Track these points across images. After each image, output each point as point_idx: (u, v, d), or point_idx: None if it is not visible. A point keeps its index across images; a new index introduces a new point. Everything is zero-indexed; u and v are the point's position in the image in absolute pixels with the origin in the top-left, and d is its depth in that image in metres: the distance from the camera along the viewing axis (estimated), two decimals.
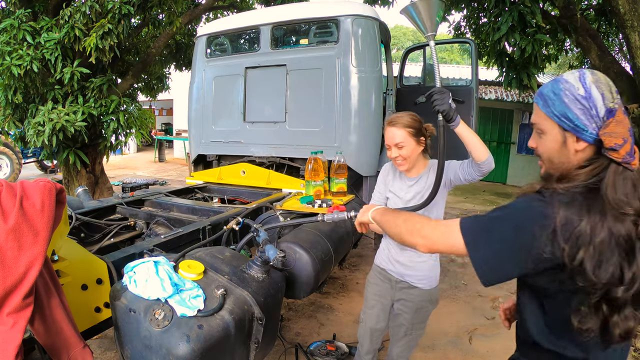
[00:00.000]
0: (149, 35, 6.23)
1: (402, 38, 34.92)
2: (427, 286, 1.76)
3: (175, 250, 1.75)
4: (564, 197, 0.84)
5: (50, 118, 3.94)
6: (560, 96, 0.89)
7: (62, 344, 1.14)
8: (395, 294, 1.83)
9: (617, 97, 0.89)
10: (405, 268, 1.76)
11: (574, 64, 6.93)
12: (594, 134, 0.86)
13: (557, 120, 0.90)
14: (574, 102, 0.87)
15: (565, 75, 0.92)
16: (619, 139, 0.83)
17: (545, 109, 0.92)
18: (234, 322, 1.28)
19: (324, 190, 2.67)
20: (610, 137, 0.83)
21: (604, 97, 0.87)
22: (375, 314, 1.89)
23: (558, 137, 0.91)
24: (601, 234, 0.79)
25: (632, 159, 0.83)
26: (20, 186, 1.01)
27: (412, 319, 1.79)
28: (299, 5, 3.30)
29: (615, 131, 0.84)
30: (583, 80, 0.88)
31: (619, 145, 0.82)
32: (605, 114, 0.86)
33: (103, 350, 2.64)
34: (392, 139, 1.64)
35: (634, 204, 0.81)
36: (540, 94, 0.95)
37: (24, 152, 9.24)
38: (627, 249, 0.79)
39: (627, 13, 3.45)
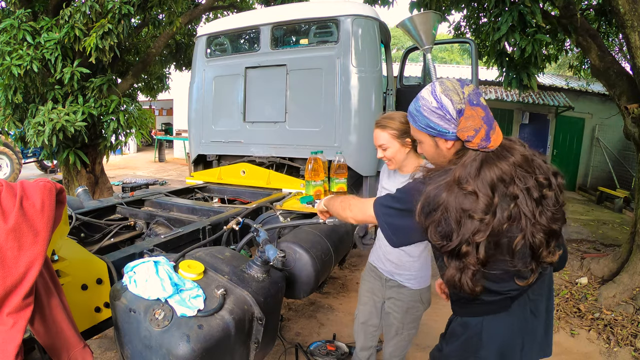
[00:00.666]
0: (149, 35, 6.23)
1: (402, 38, 34.88)
2: (417, 286, 1.78)
3: (175, 250, 1.75)
4: (432, 178, 1.05)
5: (50, 118, 3.94)
6: (421, 111, 1.09)
7: (62, 344, 1.14)
8: (386, 292, 1.86)
9: (465, 96, 1.04)
10: (395, 267, 1.79)
11: (574, 64, 6.92)
12: (454, 133, 1.05)
13: (425, 130, 1.10)
14: (431, 114, 1.06)
15: (422, 93, 1.10)
16: (470, 131, 1.01)
17: (415, 124, 1.13)
18: (234, 322, 1.28)
19: (324, 190, 2.67)
20: (463, 132, 1.02)
21: (453, 102, 1.03)
22: (368, 311, 1.93)
23: (431, 142, 1.12)
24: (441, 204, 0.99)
25: (488, 143, 1.01)
26: (20, 186, 1.01)
27: (402, 319, 1.82)
28: (299, 5, 3.30)
29: (466, 126, 1.01)
30: (434, 94, 1.06)
31: (471, 137, 1.01)
32: (457, 115, 1.03)
33: (103, 350, 2.64)
34: (377, 141, 1.71)
35: (473, 184, 0.98)
36: (409, 113, 1.15)
37: (24, 152, 9.24)
38: (457, 217, 0.98)
39: (627, 13, 3.45)
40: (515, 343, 1.12)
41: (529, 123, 10.86)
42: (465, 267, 0.99)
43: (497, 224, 0.96)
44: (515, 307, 1.10)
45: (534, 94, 10.53)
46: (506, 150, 1.03)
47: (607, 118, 10.31)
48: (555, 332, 3.20)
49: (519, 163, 1.01)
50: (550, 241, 1.01)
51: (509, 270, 1.02)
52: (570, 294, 3.85)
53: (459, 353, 1.16)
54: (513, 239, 0.98)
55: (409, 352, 2.78)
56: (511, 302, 1.10)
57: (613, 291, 3.65)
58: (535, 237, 0.98)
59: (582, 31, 4.35)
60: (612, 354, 2.91)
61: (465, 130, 1.01)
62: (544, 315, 1.16)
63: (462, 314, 1.18)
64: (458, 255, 0.99)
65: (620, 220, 7.46)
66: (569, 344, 3.03)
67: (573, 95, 10.80)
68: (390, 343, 1.90)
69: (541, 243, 0.99)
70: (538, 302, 1.14)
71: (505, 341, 1.11)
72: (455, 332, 1.18)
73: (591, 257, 4.64)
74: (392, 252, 1.78)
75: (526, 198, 0.99)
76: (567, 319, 3.40)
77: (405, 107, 4.06)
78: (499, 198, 0.97)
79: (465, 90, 1.05)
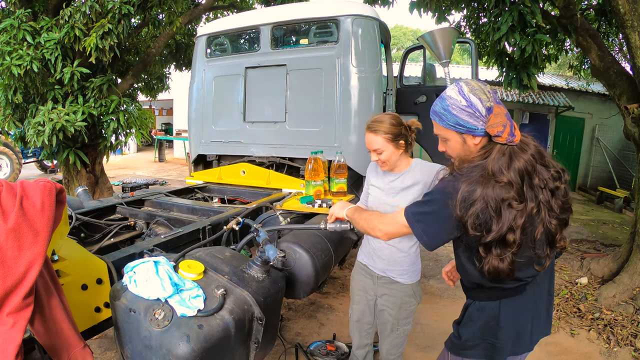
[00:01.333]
0: (149, 35, 6.22)
1: (402, 38, 34.90)
2: (409, 280, 1.81)
3: (175, 250, 1.75)
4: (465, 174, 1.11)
5: (50, 118, 3.94)
6: (449, 110, 1.15)
7: (62, 344, 1.14)
8: (378, 289, 1.88)
9: (491, 95, 1.14)
10: (386, 263, 1.81)
11: (574, 64, 6.92)
12: (483, 129, 1.13)
13: (454, 128, 1.17)
14: (461, 112, 1.13)
15: (448, 92, 1.17)
16: (499, 127, 1.10)
17: (442, 123, 1.19)
18: (234, 322, 1.28)
19: (324, 190, 2.67)
20: (493, 128, 1.11)
21: (482, 100, 1.12)
22: (361, 309, 1.96)
23: (459, 139, 1.19)
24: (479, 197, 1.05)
25: (514, 137, 1.11)
26: (20, 186, 1.01)
27: (396, 315, 1.83)
28: (299, 5, 3.30)
29: (495, 122, 1.11)
30: (462, 93, 1.14)
31: (500, 132, 1.10)
32: (486, 112, 1.12)
33: (103, 350, 2.64)
34: (371, 145, 1.71)
35: (507, 175, 1.06)
36: (434, 112, 1.21)
37: (24, 152, 9.24)
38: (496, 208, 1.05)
39: (627, 13, 3.45)
40: (527, 324, 1.22)
41: (529, 123, 10.86)
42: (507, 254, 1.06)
43: (529, 210, 1.06)
44: (528, 290, 1.20)
45: (534, 94, 10.53)
46: (525, 145, 1.14)
47: (607, 118, 10.31)
48: (555, 332, 3.20)
49: (537, 156, 1.12)
50: (562, 228, 1.12)
51: (532, 257, 1.11)
52: (570, 294, 3.85)
53: (478, 336, 1.22)
54: (535, 227, 1.08)
55: (409, 352, 2.79)
56: (526, 286, 1.19)
57: (613, 291, 3.65)
58: (552, 224, 1.09)
59: (582, 31, 4.35)
60: (612, 354, 2.91)
61: (495, 126, 1.10)
62: (546, 296, 1.27)
63: (479, 298, 1.24)
64: (502, 243, 1.06)
65: (620, 220, 7.46)
66: (569, 344, 3.03)
67: (573, 95, 10.80)
68: (386, 341, 1.91)
69: (556, 230, 1.10)
70: (542, 285, 1.24)
71: (519, 322, 1.21)
72: (473, 317, 1.24)
73: (591, 257, 4.64)
74: (383, 249, 1.80)
75: (545, 188, 1.10)
76: (567, 319, 3.40)
77: (405, 107, 4.06)
78: (527, 187, 1.07)
79: (490, 91, 1.15)
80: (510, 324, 1.19)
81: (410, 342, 2.89)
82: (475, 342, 1.23)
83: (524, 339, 1.23)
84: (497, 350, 1.21)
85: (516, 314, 1.20)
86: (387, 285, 1.83)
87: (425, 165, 1.76)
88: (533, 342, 1.26)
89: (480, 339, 1.22)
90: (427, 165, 1.76)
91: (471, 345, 1.23)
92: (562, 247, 1.13)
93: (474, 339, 1.23)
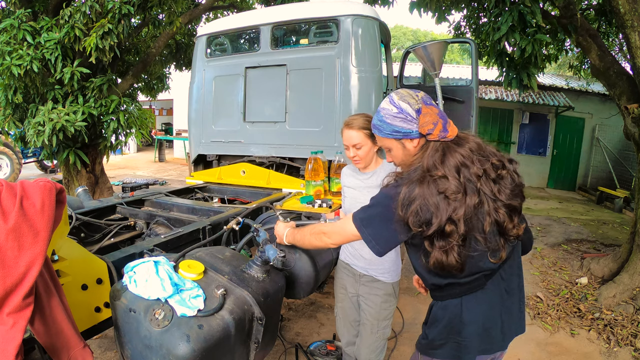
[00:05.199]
0: (149, 35, 6.22)
1: (402, 38, 34.92)
2: (390, 279, 1.86)
3: (175, 250, 1.75)
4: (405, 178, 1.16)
5: (50, 118, 3.94)
6: (384, 120, 1.23)
7: (62, 343, 1.14)
8: (360, 288, 1.92)
9: (419, 97, 1.21)
10: (368, 262, 1.86)
11: (574, 64, 6.92)
12: (417, 130, 1.19)
13: (391, 136, 1.24)
14: (394, 119, 1.21)
15: (382, 104, 1.25)
16: (429, 125, 1.16)
17: (381, 134, 1.27)
18: (234, 322, 1.28)
19: (324, 190, 2.67)
20: (424, 127, 1.17)
21: (410, 104, 1.20)
22: (346, 306, 2.02)
23: (398, 146, 1.26)
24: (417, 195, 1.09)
25: (446, 133, 1.17)
26: (20, 186, 1.01)
27: (377, 315, 1.88)
28: (299, 5, 3.30)
29: (425, 121, 1.17)
30: (393, 102, 1.22)
31: (431, 130, 1.16)
32: (415, 114, 1.19)
33: (103, 350, 2.64)
34: (350, 140, 1.77)
35: (442, 169, 1.11)
36: (373, 126, 1.29)
37: (24, 152, 9.24)
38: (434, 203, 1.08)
39: (627, 13, 3.45)
40: (496, 321, 1.22)
41: (529, 123, 10.86)
42: (450, 246, 1.08)
43: (469, 201, 1.08)
44: (490, 285, 1.20)
45: (534, 94, 10.53)
46: (462, 140, 1.19)
47: (607, 118, 10.31)
48: (555, 332, 3.20)
49: (475, 149, 1.16)
50: (512, 216, 1.14)
51: (483, 250, 1.13)
52: (570, 294, 3.85)
53: (443, 335, 1.23)
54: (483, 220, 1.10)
55: (409, 352, 2.79)
56: (486, 280, 1.19)
57: (613, 291, 3.65)
58: (499, 212, 1.11)
59: (582, 31, 4.35)
60: (612, 354, 2.91)
61: (425, 125, 1.17)
62: (517, 293, 1.26)
63: (441, 298, 1.25)
64: (442, 235, 1.08)
65: (620, 220, 7.46)
66: (569, 344, 3.03)
67: (573, 95, 10.80)
68: (365, 344, 1.93)
69: (504, 218, 1.12)
70: (510, 281, 1.24)
71: (485, 319, 1.20)
72: (437, 317, 1.25)
73: (591, 257, 4.64)
74: (364, 248, 1.80)
75: (486, 178, 1.12)
76: (567, 319, 3.40)
77: None
78: (464, 179, 1.10)
79: (419, 95, 1.23)
80: (474, 321, 1.19)
81: (410, 342, 2.89)
82: (441, 341, 1.23)
83: (494, 337, 1.21)
84: (464, 348, 1.19)
85: (480, 310, 1.19)
86: (369, 283, 1.88)
87: None
88: (506, 340, 1.24)
89: (446, 339, 1.22)
90: None
91: (438, 345, 1.24)
92: (516, 235, 1.13)
93: (440, 339, 1.23)
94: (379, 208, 1.19)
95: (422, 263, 1.19)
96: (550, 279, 4.23)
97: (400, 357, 2.74)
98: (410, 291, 3.80)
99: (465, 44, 3.94)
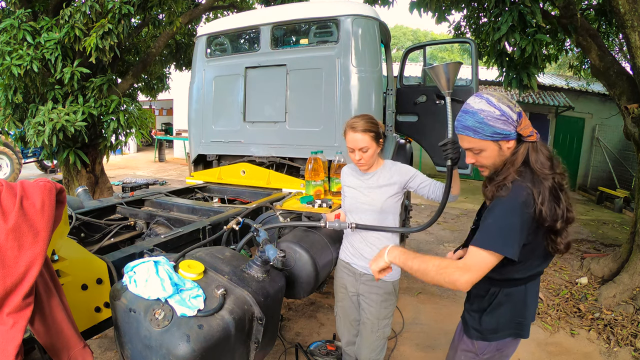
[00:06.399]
0: (149, 35, 6.22)
1: (402, 38, 34.91)
2: (390, 278, 1.85)
3: (175, 250, 1.75)
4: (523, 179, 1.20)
5: (50, 118, 3.94)
6: (485, 122, 1.23)
7: (62, 343, 1.14)
8: (360, 287, 1.91)
9: (515, 101, 1.25)
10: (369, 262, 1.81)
11: (574, 64, 6.92)
12: (515, 132, 1.24)
13: (491, 138, 1.24)
14: (496, 121, 1.22)
15: (477, 106, 1.25)
16: (529, 127, 1.23)
17: (477, 136, 1.25)
18: (234, 322, 1.28)
19: (324, 190, 2.67)
20: (525, 130, 1.23)
21: (510, 107, 1.23)
22: (346, 306, 2.01)
23: (495, 147, 1.26)
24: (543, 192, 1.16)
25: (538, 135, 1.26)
26: (20, 186, 1.01)
27: (377, 313, 1.87)
28: (299, 5, 3.30)
29: (526, 124, 1.23)
30: (492, 104, 1.23)
31: (531, 132, 1.24)
32: (516, 117, 1.23)
33: (103, 350, 2.64)
34: (356, 144, 1.74)
35: (547, 165, 1.21)
36: (466, 128, 1.27)
37: (24, 152, 9.24)
38: (556, 196, 1.19)
39: (627, 13, 3.45)
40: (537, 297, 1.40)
41: None
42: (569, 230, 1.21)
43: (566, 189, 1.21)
44: None
45: (534, 94, 10.53)
46: None
47: (607, 118, 10.31)
48: (555, 332, 3.20)
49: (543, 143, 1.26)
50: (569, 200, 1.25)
51: None
52: (570, 294, 3.85)
53: (508, 319, 1.34)
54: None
55: (409, 352, 2.79)
56: None
57: (613, 291, 3.65)
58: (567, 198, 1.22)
59: (582, 31, 4.35)
60: (612, 354, 2.91)
61: (527, 128, 1.23)
62: None
63: (508, 286, 1.33)
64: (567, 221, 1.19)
65: (620, 220, 7.46)
66: (569, 344, 3.03)
67: (573, 95, 10.80)
68: (366, 344, 1.93)
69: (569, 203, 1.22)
70: None
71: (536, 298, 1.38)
72: (502, 302, 1.34)
73: (591, 257, 4.63)
74: (364, 248, 1.85)
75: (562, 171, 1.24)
76: (567, 319, 3.40)
77: (405, 107, 4.05)
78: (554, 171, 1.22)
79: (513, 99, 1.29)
80: (533, 302, 1.36)
81: (410, 342, 2.89)
82: (504, 324, 1.34)
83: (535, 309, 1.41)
84: (524, 326, 1.35)
85: (535, 291, 1.38)
86: (369, 282, 1.87)
87: (402, 167, 1.84)
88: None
89: (510, 321, 1.34)
90: (403, 167, 1.84)
91: (502, 327, 1.35)
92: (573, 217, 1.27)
93: (504, 322, 1.34)
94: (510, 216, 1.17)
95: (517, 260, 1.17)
96: (550, 279, 4.23)
97: (400, 357, 2.74)
98: (410, 291, 3.80)
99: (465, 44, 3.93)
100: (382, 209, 1.79)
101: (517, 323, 1.35)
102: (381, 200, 1.79)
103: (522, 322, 1.35)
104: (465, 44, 3.95)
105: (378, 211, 1.79)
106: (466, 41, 3.76)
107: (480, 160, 1.31)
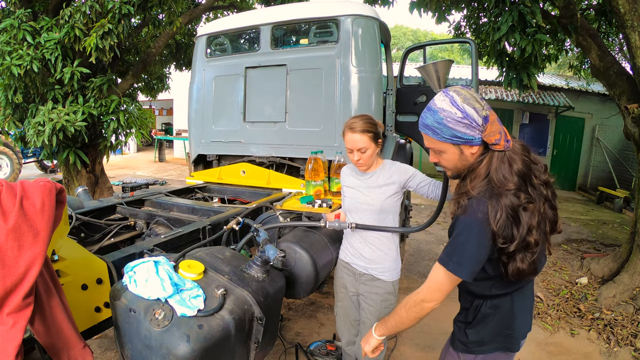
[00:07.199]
0: (149, 35, 6.22)
1: (402, 38, 34.92)
2: (390, 278, 1.86)
3: (175, 250, 1.75)
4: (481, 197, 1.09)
5: (50, 118, 3.94)
6: (444, 123, 1.10)
7: (62, 343, 1.14)
8: (360, 287, 1.92)
9: (485, 103, 1.12)
10: (368, 262, 1.86)
11: (574, 64, 6.92)
12: (480, 137, 1.11)
13: (450, 141, 1.13)
14: (457, 124, 1.09)
15: (439, 104, 1.12)
16: (496, 134, 1.09)
17: (436, 137, 1.15)
18: (234, 322, 1.28)
19: (324, 190, 2.67)
20: (490, 137, 1.09)
21: (477, 110, 1.09)
22: (347, 306, 2.01)
23: (455, 151, 1.15)
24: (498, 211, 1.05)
25: (509, 143, 1.11)
26: (20, 186, 1.01)
27: (377, 313, 1.87)
28: (299, 5, 3.30)
29: (492, 130, 1.09)
30: (455, 104, 1.09)
31: (498, 140, 1.09)
32: (482, 122, 1.09)
33: (103, 350, 2.64)
34: (355, 145, 1.74)
35: (512, 180, 1.07)
36: (425, 126, 1.16)
37: (24, 152, 9.24)
38: (514, 216, 1.06)
39: (627, 13, 3.45)
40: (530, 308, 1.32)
41: (529, 123, 10.86)
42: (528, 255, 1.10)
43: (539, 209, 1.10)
44: None
45: (534, 94, 10.53)
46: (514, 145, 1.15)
47: (607, 118, 10.31)
48: (555, 332, 3.20)
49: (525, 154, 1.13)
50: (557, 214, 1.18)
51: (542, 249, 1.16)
52: (570, 294, 3.85)
53: (495, 331, 1.26)
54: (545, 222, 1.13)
55: (409, 352, 2.79)
56: None
57: (613, 291, 3.65)
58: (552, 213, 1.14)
59: (582, 31, 4.35)
60: (612, 354, 2.91)
61: (492, 135, 1.09)
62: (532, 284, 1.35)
63: (491, 298, 1.26)
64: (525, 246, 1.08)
65: (620, 220, 7.46)
66: (569, 344, 3.03)
67: (573, 95, 10.80)
68: None
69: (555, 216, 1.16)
70: None
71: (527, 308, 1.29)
72: (487, 315, 1.26)
73: (591, 257, 4.64)
74: (364, 248, 1.86)
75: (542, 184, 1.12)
76: (567, 319, 3.40)
77: (405, 107, 4.05)
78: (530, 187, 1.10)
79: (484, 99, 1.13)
80: (520, 313, 1.26)
81: (410, 342, 2.89)
82: (491, 337, 1.26)
83: (529, 321, 1.32)
84: (513, 339, 1.27)
85: (525, 301, 1.28)
86: (369, 282, 1.88)
87: (401, 166, 1.84)
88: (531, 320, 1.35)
89: (496, 334, 1.26)
90: (402, 166, 1.84)
91: (488, 341, 1.27)
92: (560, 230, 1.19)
93: (489, 334, 1.26)
94: (466, 235, 1.11)
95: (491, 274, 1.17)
96: (550, 279, 4.23)
97: (400, 357, 2.74)
98: (410, 291, 3.79)
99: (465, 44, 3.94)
100: (381, 208, 1.79)
101: (505, 336, 1.26)
102: (381, 200, 1.79)
103: (511, 334, 1.26)
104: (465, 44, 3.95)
105: (378, 211, 1.80)
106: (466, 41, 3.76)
107: (441, 162, 1.23)
